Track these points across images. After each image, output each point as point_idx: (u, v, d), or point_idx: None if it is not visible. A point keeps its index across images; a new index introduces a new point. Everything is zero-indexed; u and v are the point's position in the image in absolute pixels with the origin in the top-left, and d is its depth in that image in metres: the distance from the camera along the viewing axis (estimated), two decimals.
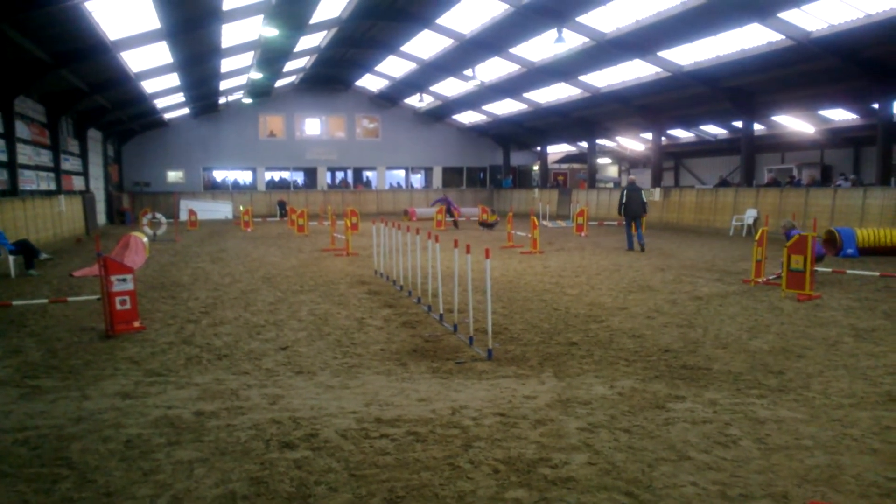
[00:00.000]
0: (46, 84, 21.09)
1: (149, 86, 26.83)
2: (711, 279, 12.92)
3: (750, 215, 23.64)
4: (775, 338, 8.14)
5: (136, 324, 8.87)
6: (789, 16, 18.64)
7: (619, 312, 9.80)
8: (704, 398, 5.91)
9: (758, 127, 29.02)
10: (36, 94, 22.31)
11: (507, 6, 22.16)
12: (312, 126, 43.42)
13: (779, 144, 34.24)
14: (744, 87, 24.66)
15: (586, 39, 23.38)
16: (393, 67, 35.51)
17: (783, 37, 19.47)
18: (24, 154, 20.92)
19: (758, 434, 5.07)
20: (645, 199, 18.60)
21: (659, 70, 24.97)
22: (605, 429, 5.19)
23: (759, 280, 12.09)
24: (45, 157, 23.29)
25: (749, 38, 20.88)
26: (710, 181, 37.16)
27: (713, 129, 35.11)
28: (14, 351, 7.89)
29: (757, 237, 12.25)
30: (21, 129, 20.63)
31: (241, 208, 32.23)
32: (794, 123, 30.46)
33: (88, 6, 15.68)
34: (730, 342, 7.95)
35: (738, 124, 28.66)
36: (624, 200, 18.42)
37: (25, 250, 14.87)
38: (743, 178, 26.41)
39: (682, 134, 37.49)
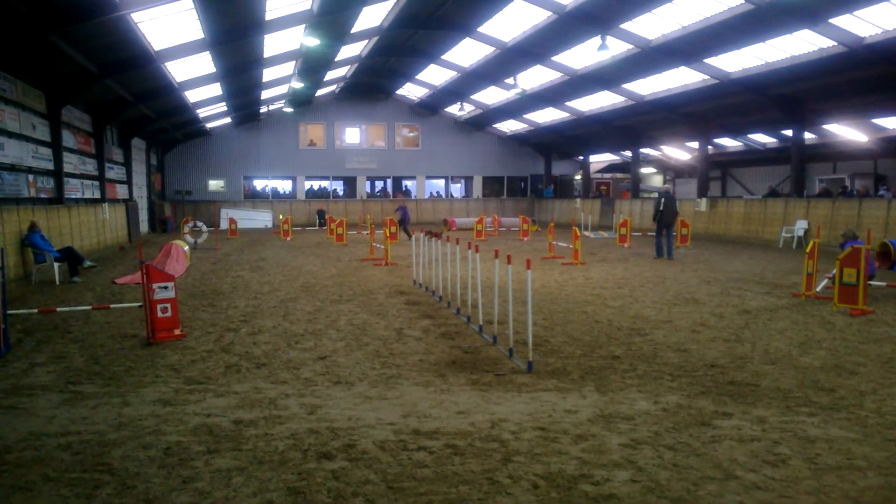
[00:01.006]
0: (92, 94, 21.60)
1: (192, 95, 27.31)
2: (760, 292, 12.61)
3: (800, 227, 23.09)
4: (827, 354, 7.89)
5: (177, 331, 8.97)
6: (841, 21, 18.15)
7: (663, 326, 9.61)
8: (752, 415, 5.75)
9: (808, 136, 28.38)
10: (82, 104, 22.87)
11: (549, 14, 22.05)
12: (352, 135, 43.77)
13: (830, 154, 33.40)
14: (794, 95, 24.13)
15: (630, 46, 23.15)
16: (433, 76, 35.63)
17: (835, 43, 18.99)
18: (70, 163, 21.40)
19: (808, 454, 4.93)
20: (678, 209, 19.22)
21: (705, 77, 24.58)
22: (649, 445, 5.07)
23: (810, 293, 11.75)
24: (90, 166, 23.80)
25: (799, 45, 20.43)
26: (758, 191, 36.46)
27: (762, 138, 34.42)
28: (58, 356, 8.02)
29: (808, 249, 11.91)
30: (67, 139, 21.12)
31: (281, 217, 32.57)
32: (847, 132, 29.70)
33: (134, 17, 16.01)
34: (779, 358, 7.72)
35: (788, 133, 28.03)
36: (661, 209, 18.74)
37: (70, 257, 15.22)
38: (793, 189, 25.82)
39: (729, 143, 36.84)
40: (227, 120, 38.14)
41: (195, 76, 24.26)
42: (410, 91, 41.00)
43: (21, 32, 14.01)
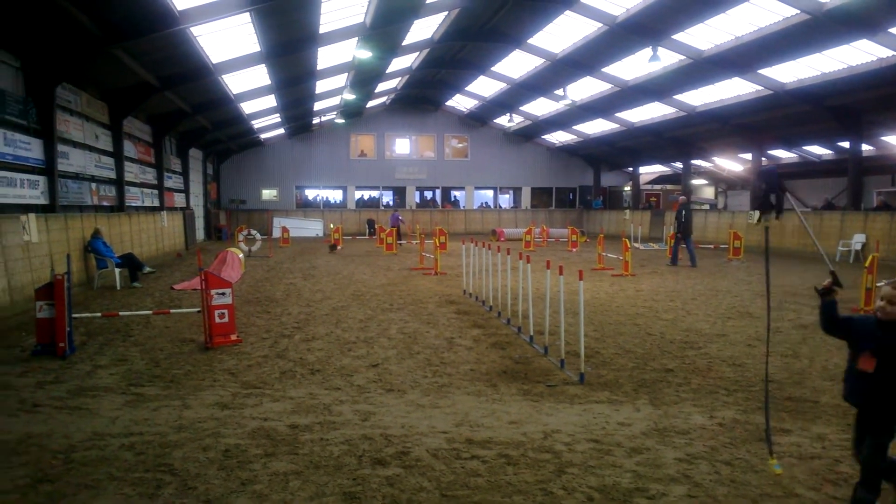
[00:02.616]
0: (152, 105, 22.25)
1: (247, 107, 27.90)
2: (816, 307, 12.22)
3: (857, 241, 22.44)
4: None
5: (233, 337, 9.15)
6: None
7: (717, 339, 9.45)
8: (812, 432, 5.63)
9: (866, 147, 27.61)
10: (143, 115, 23.55)
11: (600, 25, 21.96)
12: (402, 146, 44.15)
13: (889, 166, 32.38)
14: (850, 106, 23.51)
15: (682, 57, 22.89)
16: (483, 87, 35.74)
17: (894, 53, 18.50)
18: (131, 172, 22.06)
19: None
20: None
21: (759, 88, 24.15)
22: (705, 460, 5.00)
23: (869, 309, 11.42)
24: (149, 175, 24.47)
25: (856, 55, 19.94)
26: (813, 204, 35.57)
27: (817, 150, 33.61)
28: (120, 359, 8.27)
29: (867, 264, 11.59)
30: (128, 148, 21.79)
31: (332, 226, 32.92)
32: None
33: (194, 31, 16.46)
34: (838, 374, 7.49)
35: (845, 144, 27.34)
36: (683, 220, 20.17)
37: (130, 264, 15.67)
38: (850, 202, 25.13)
39: (783, 154, 36.05)
40: (281, 131, 38.85)
41: (251, 88, 24.80)
42: (460, 102, 41.19)
43: (86, 46, 14.55)
